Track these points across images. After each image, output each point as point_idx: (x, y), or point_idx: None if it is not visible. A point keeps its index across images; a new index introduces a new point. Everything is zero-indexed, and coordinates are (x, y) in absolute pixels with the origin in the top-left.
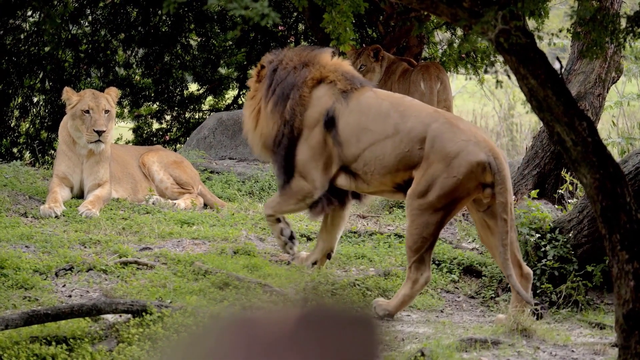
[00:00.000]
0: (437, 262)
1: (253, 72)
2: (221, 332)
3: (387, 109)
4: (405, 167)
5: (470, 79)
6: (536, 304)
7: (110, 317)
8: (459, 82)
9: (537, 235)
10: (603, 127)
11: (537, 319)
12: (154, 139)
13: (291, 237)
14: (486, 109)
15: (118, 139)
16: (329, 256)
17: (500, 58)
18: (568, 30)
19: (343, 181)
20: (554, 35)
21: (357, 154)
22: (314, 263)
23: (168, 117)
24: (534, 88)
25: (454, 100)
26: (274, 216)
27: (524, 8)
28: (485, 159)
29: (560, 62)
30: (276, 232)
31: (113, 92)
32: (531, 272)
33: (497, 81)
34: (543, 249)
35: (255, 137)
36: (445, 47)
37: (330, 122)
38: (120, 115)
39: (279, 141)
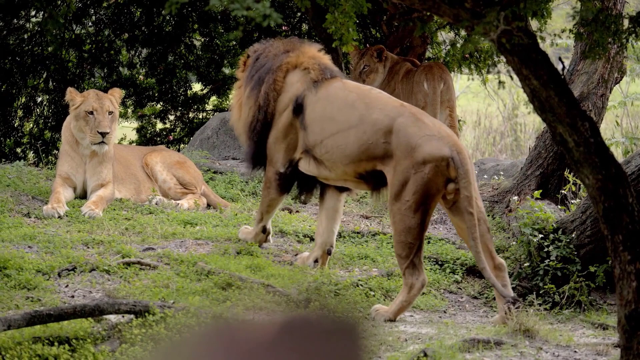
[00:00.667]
0: (440, 263)
1: (240, 61)
2: (200, 341)
3: (354, 100)
4: (368, 158)
5: (472, 79)
6: (514, 298)
7: (112, 318)
8: (462, 82)
9: (540, 235)
10: (607, 127)
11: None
12: (158, 138)
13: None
14: (490, 109)
15: (122, 139)
16: (329, 252)
17: (503, 58)
18: (570, 30)
19: (306, 165)
20: (557, 35)
21: (320, 140)
22: (316, 261)
23: (172, 117)
24: (536, 89)
25: (458, 100)
26: (262, 223)
27: (526, 9)
28: (448, 154)
29: (562, 62)
30: (254, 238)
31: (116, 93)
32: (504, 262)
33: (500, 82)
34: (546, 249)
35: (239, 126)
36: (448, 47)
37: (298, 109)
38: (124, 115)
39: (254, 127)
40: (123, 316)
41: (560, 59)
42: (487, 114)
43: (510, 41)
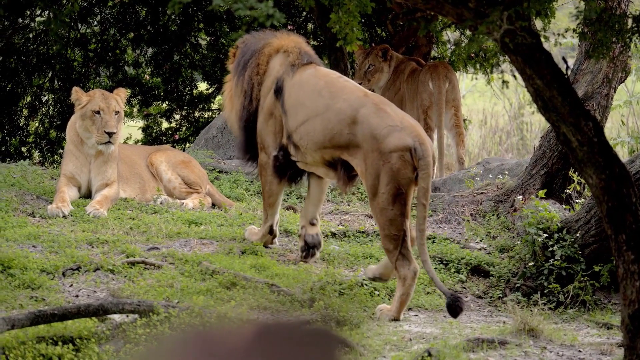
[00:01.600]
0: (444, 262)
1: (230, 53)
2: (177, 348)
3: (321, 87)
4: (334, 147)
5: (476, 79)
6: (455, 297)
7: (117, 317)
8: (469, 81)
9: (545, 235)
10: (613, 127)
11: (454, 315)
12: (164, 138)
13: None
14: (496, 108)
15: (127, 139)
16: (312, 223)
17: (507, 58)
18: (574, 30)
19: (291, 151)
20: (560, 35)
21: (296, 126)
22: (303, 227)
23: (177, 116)
24: (540, 88)
25: (464, 100)
26: (268, 222)
27: (530, 8)
28: (411, 144)
29: (566, 62)
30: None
31: (122, 93)
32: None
33: (503, 81)
34: (550, 248)
35: (231, 117)
36: (454, 46)
37: (278, 91)
38: (129, 115)
39: (243, 115)
40: (127, 316)
41: (564, 58)
42: (493, 113)
43: (513, 41)
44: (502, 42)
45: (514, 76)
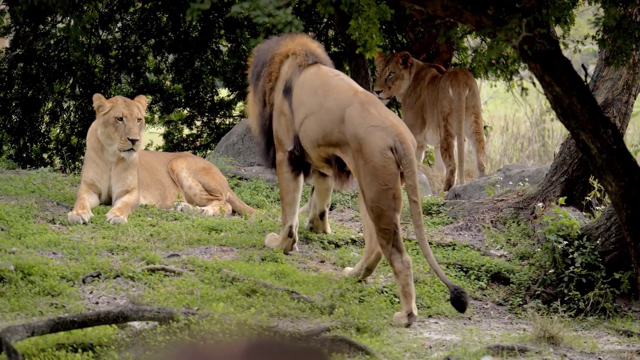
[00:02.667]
0: (464, 269)
1: (248, 62)
2: None
3: (317, 86)
4: (327, 144)
5: (495, 86)
6: (459, 292)
7: (137, 325)
8: (490, 88)
9: (565, 242)
10: (635, 133)
11: (461, 310)
12: (185, 144)
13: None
14: (518, 115)
15: (149, 145)
16: (321, 216)
17: (527, 65)
18: (594, 37)
19: (299, 148)
20: (580, 42)
21: (299, 125)
22: (311, 221)
23: (198, 123)
24: (559, 95)
25: (486, 106)
26: (288, 223)
27: (550, 15)
28: (391, 144)
29: (585, 69)
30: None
31: (143, 100)
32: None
33: (523, 88)
34: (571, 256)
35: (253, 124)
36: (474, 53)
37: (287, 91)
38: (150, 121)
39: (261, 120)
40: (147, 323)
41: (583, 65)
42: (514, 119)
43: (532, 48)
44: (520, 49)
45: (533, 83)
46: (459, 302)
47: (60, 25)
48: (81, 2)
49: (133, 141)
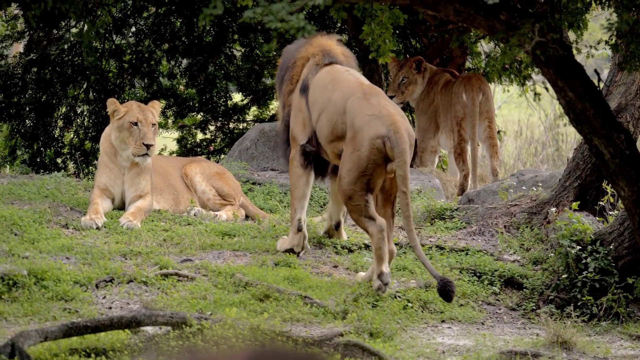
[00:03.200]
0: (478, 274)
1: (278, 64)
2: None
3: (327, 82)
4: (336, 138)
5: (508, 91)
6: (446, 282)
7: (150, 330)
8: (504, 93)
9: (578, 247)
10: None
11: (448, 299)
12: (198, 149)
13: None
14: (532, 119)
15: (162, 150)
16: (336, 227)
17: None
18: (606, 42)
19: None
20: (593, 47)
21: (315, 123)
22: (326, 232)
23: (212, 128)
24: (572, 101)
25: (500, 110)
26: (297, 216)
27: (563, 20)
28: (384, 133)
29: (598, 74)
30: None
31: (157, 105)
32: (395, 250)
33: (535, 93)
34: (584, 261)
35: (279, 125)
36: (489, 57)
37: (304, 89)
38: (164, 126)
39: (282, 125)
40: (160, 328)
41: (596, 70)
42: (528, 124)
43: (545, 53)
44: (533, 54)
45: (546, 88)
46: (445, 292)
47: (74, 30)
48: (94, 7)
49: (148, 146)
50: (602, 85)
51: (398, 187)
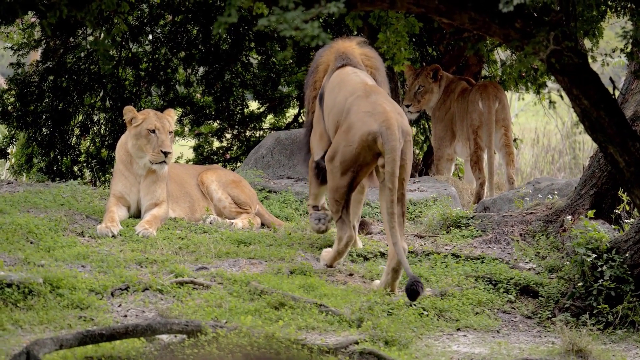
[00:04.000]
0: (493, 282)
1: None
2: None
3: (334, 86)
4: None
5: (523, 99)
6: (414, 281)
7: (165, 338)
8: (520, 101)
9: (594, 255)
10: None
11: (412, 298)
12: (215, 157)
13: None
14: (549, 127)
15: (179, 158)
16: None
17: (553, 77)
18: (622, 50)
19: None
20: (608, 55)
21: (328, 127)
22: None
23: (228, 136)
24: (587, 109)
25: (517, 118)
26: (313, 205)
27: (578, 28)
28: (376, 130)
29: (613, 82)
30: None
31: (172, 113)
32: (407, 246)
33: (550, 102)
34: (600, 269)
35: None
36: (504, 65)
37: (320, 97)
38: (180, 134)
39: (306, 131)
40: (175, 336)
41: (611, 79)
42: (545, 132)
43: (560, 61)
44: (548, 62)
45: (561, 96)
46: (411, 290)
47: (90, 38)
48: (111, 15)
49: (166, 153)
50: (617, 93)
51: (385, 184)
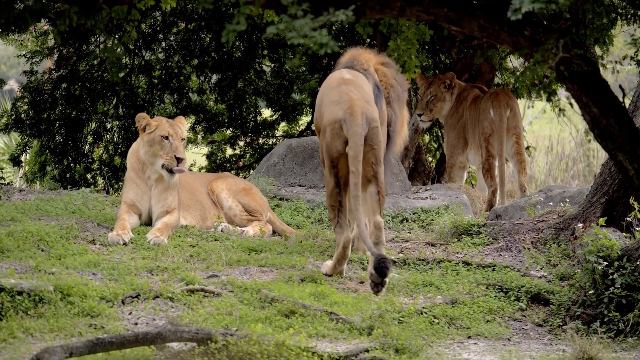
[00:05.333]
0: (504, 290)
1: None
2: None
3: (323, 89)
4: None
5: (532, 106)
6: (381, 259)
7: (175, 346)
8: (527, 109)
9: (605, 263)
10: None
11: (382, 275)
12: (228, 164)
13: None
14: (563, 135)
15: (192, 165)
16: None
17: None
18: (632, 58)
19: None
20: (618, 62)
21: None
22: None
23: (241, 143)
24: (597, 117)
25: (531, 126)
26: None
27: (589, 36)
28: (341, 117)
29: (623, 90)
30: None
31: (183, 121)
32: (382, 221)
33: (560, 109)
34: (611, 276)
35: None
36: (511, 73)
37: None
38: (194, 141)
39: None
40: (185, 344)
41: (621, 86)
42: (559, 139)
43: (569, 69)
44: (557, 69)
45: (571, 104)
46: (379, 268)
47: (102, 46)
48: (122, 23)
49: (179, 160)
50: (627, 101)
51: (349, 167)
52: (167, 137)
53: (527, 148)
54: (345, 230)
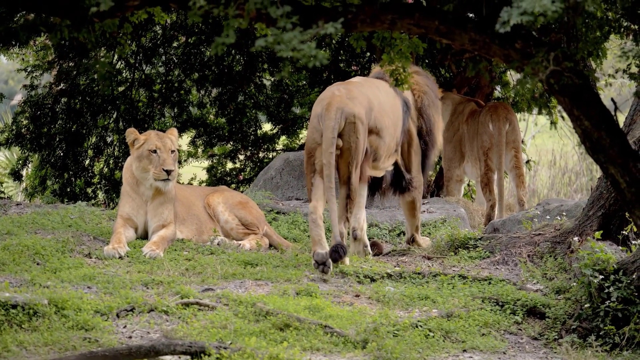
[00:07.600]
0: (500, 304)
1: None
2: None
3: None
4: None
5: (536, 123)
6: (339, 245)
7: (168, 359)
8: (523, 122)
9: (601, 276)
10: None
11: (334, 260)
12: (228, 178)
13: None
14: (566, 149)
15: (192, 179)
16: (411, 240)
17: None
18: (624, 71)
19: None
20: (611, 76)
21: None
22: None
23: (242, 157)
24: (588, 129)
25: (534, 140)
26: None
27: (582, 49)
28: (319, 112)
29: (615, 103)
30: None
31: (175, 132)
32: (344, 231)
33: (552, 122)
34: (606, 290)
35: None
36: (502, 87)
37: None
38: (194, 155)
39: None
40: (179, 357)
41: (612, 99)
42: (562, 153)
43: (559, 82)
44: (547, 83)
45: (562, 116)
46: (334, 252)
47: (103, 60)
48: (115, 36)
49: (168, 171)
50: (621, 117)
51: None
52: (154, 151)
53: (527, 162)
54: (311, 201)
